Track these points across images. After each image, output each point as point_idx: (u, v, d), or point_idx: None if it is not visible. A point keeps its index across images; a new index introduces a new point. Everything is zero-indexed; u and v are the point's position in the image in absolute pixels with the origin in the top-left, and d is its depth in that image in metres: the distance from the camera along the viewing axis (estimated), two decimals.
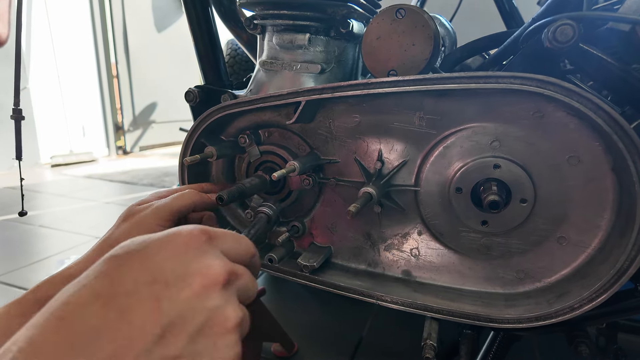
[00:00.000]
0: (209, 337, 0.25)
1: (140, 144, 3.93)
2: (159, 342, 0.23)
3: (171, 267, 0.26)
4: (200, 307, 0.25)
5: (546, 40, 0.41)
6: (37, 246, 1.61)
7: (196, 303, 0.25)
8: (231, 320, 0.27)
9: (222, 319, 0.26)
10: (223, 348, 0.26)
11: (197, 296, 0.25)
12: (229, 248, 0.30)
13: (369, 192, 0.48)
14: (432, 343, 0.44)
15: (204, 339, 0.25)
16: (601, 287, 0.42)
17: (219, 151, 0.56)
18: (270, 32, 0.59)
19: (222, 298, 0.27)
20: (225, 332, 0.26)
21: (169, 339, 0.24)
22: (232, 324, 0.27)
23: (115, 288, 0.24)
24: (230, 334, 0.26)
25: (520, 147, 0.46)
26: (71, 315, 0.22)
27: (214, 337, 0.26)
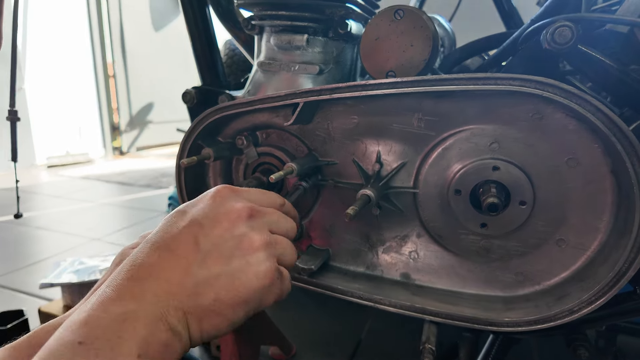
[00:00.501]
0: (240, 256, 0.32)
1: (137, 144, 3.91)
2: (201, 266, 0.31)
3: (203, 212, 0.33)
4: (229, 236, 0.32)
5: (545, 42, 0.41)
6: (33, 248, 1.60)
7: (225, 234, 0.32)
8: (257, 242, 0.33)
9: (248, 242, 0.33)
10: (254, 264, 0.32)
11: (225, 229, 0.33)
12: (253, 197, 0.37)
13: (367, 195, 0.48)
14: (430, 347, 0.44)
15: (237, 259, 0.32)
16: (600, 289, 0.41)
17: (216, 153, 0.56)
18: (268, 33, 0.59)
19: (246, 227, 0.33)
20: (253, 251, 0.33)
21: (208, 263, 0.31)
22: (258, 244, 0.33)
23: (164, 236, 0.31)
24: (259, 252, 0.33)
25: (519, 149, 0.45)
26: (137, 261, 0.30)
27: (244, 256, 0.32)
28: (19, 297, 1.16)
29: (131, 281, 0.29)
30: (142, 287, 0.28)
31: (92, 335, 0.25)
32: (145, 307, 0.27)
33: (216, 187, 0.36)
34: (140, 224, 1.81)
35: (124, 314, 0.26)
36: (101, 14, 3.55)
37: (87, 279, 0.87)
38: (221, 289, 0.31)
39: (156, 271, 0.29)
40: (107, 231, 1.71)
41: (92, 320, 0.26)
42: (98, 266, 0.94)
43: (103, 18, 3.56)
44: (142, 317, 0.27)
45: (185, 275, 0.30)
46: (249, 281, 0.32)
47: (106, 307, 0.27)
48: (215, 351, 0.87)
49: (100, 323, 0.26)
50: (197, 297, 0.30)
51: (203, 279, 0.30)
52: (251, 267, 0.32)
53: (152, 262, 0.30)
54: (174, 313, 0.28)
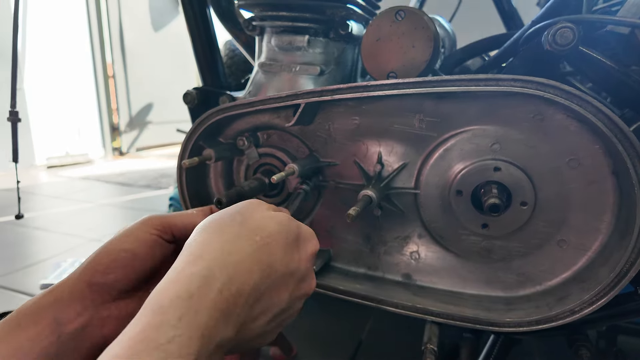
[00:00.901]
0: (282, 325, 0.34)
1: (137, 145, 3.90)
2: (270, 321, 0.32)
3: (303, 268, 0.34)
4: (296, 307, 0.35)
5: (546, 43, 0.41)
6: (32, 248, 1.60)
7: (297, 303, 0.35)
8: (312, 288, 0.36)
9: (293, 317, 0.35)
10: (276, 332, 0.34)
11: (300, 299, 0.35)
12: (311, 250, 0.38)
13: (368, 195, 0.48)
14: (432, 347, 0.44)
15: (278, 328, 0.34)
16: (601, 290, 0.42)
17: (218, 154, 0.56)
18: (269, 34, 0.59)
19: (303, 302, 0.36)
20: (284, 324, 0.35)
21: (275, 320, 0.32)
22: (311, 291, 0.36)
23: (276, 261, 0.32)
24: (303, 299, 0.36)
25: (521, 150, 0.45)
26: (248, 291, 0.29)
27: (281, 324, 0.34)
28: (19, 297, 1.15)
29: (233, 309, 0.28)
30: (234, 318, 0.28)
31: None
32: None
33: (317, 243, 0.37)
34: None
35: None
36: (100, 14, 3.55)
37: None
38: (254, 342, 0.32)
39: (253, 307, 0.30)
40: (107, 232, 1.70)
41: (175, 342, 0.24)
42: None
43: (102, 18, 3.56)
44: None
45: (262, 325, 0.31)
46: (263, 343, 0.34)
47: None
48: None
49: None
50: (248, 343, 0.31)
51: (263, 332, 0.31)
52: (295, 310, 0.35)
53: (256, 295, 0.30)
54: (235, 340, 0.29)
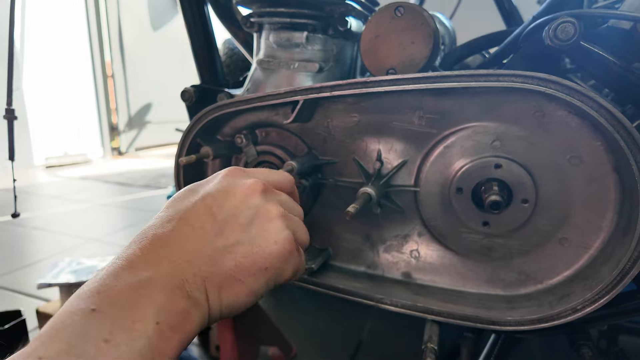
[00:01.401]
0: (258, 225, 0.32)
1: (136, 144, 3.90)
2: (218, 235, 0.31)
3: (215, 187, 0.33)
4: (244, 207, 0.33)
5: (547, 38, 0.40)
6: (30, 248, 1.59)
7: (241, 204, 0.33)
8: (273, 212, 0.33)
9: (265, 211, 0.33)
10: (273, 231, 0.32)
11: (240, 201, 0.33)
12: (263, 176, 0.37)
13: (367, 193, 0.47)
14: (432, 346, 0.43)
15: (255, 227, 0.32)
16: (603, 288, 0.41)
17: (215, 151, 0.55)
18: (267, 31, 0.58)
19: (262, 199, 0.34)
20: (270, 220, 0.33)
21: (225, 231, 0.31)
22: (275, 214, 0.33)
23: (177, 209, 0.31)
24: (276, 220, 0.33)
25: (522, 147, 0.45)
26: (149, 232, 0.29)
27: (262, 224, 0.32)
28: (17, 297, 1.15)
29: (144, 251, 0.28)
30: (157, 256, 0.28)
31: (105, 302, 0.24)
32: (161, 275, 0.27)
33: (226, 168, 0.36)
34: (139, 224, 1.80)
35: (139, 282, 0.26)
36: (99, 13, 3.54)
37: (86, 279, 0.86)
38: (240, 256, 0.30)
39: (172, 241, 0.29)
40: (106, 231, 1.70)
41: (104, 289, 0.25)
42: (96, 266, 0.94)
43: (101, 17, 3.55)
44: (158, 284, 0.26)
45: (202, 244, 0.29)
46: (269, 247, 0.31)
47: (119, 276, 0.26)
48: (214, 351, 0.86)
49: (113, 291, 0.25)
50: (216, 264, 0.29)
51: (222, 246, 0.30)
52: (270, 234, 0.32)
53: (166, 233, 0.29)
54: (192, 280, 0.28)
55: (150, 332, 0.24)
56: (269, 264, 0.31)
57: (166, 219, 0.30)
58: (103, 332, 0.23)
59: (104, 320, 0.24)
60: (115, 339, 0.23)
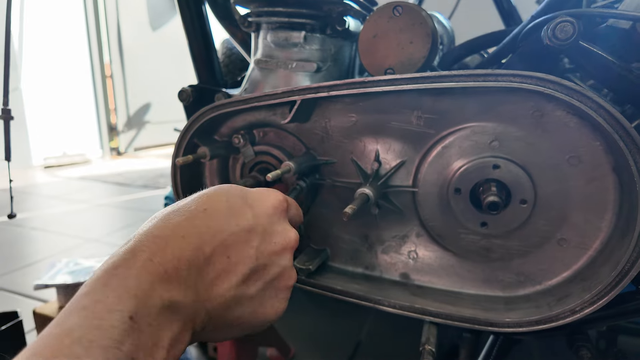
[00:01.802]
0: (275, 288, 0.32)
1: (135, 144, 3.89)
2: (244, 281, 0.29)
3: (263, 222, 0.32)
4: (277, 263, 0.32)
5: (545, 38, 0.40)
6: (28, 249, 1.58)
7: (276, 259, 0.32)
8: (292, 279, 0.33)
9: (287, 276, 0.33)
10: (280, 299, 0.32)
11: (277, 254, 0.32)
12: (293, 215, 0.37)
13: (365, 193, 0.47)
14: (430, 348, 0.43)
15: (271, 289, 0.32)
16: (602, 289, 0.41)
17: (212, 152, 0.55)
18: (265, 30, 0.58)
19: (290, 260, 0.33)
20: (286, 288, 0.33)
21: (251, 281, 0.30)
22: (292, 282, 0.33)
23: (221, 232, 0.29)
24: (287, 290, 0.33)
25: (520, 147, 0.45)
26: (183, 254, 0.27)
27: (278, 288, 0.32)
28: (14, 298, 1.14)
29: (173, 272, 0.26)
30: (181, 281, 0.26)
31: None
32: (182, 301, 0.26)
33: (276, 196, 0.35)
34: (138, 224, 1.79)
35: (170, 302, 0.25)
36: (98, 13, 3.53)
37: (83, 280, 0.86)
38: (247, 313, 0.30)
39: (206, 267, 0.28)
40: (104, 232, 1.69)
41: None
42: (94, 267, 0.93)
43: (100, 17, 3.55)
44: (181, 309, 0.26)
45: (229, 285, 0.29)
46: (268, 315, 0.32)
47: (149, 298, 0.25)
48: (212, 352, 0.86)
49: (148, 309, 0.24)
50: (227, 311, 0.29)
51: (240, 296, 0.29)
52: (277, 301, 0.32)
53: (202, 257, 0.27)
54: (202, 316, 0.28)
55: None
56: (259, 327, 0.32)
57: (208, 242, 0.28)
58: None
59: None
60: None
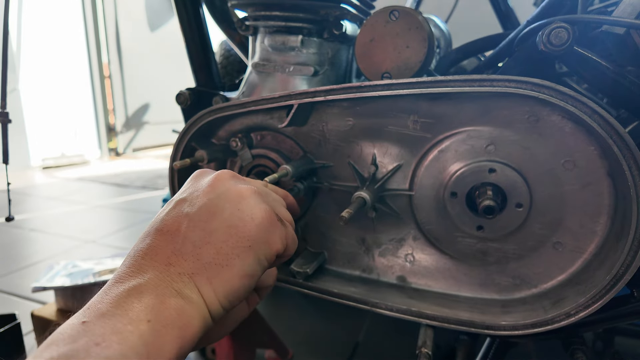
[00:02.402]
0: (230, 207, 0.32)
1: (133, 145, 3.89)
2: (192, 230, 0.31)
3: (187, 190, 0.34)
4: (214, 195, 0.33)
5: (541, 43, 0.41)
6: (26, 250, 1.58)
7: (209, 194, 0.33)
8: (244, 191, 0.33)
9: (235, 192, 0.33)
10: (247, 209, 0.32)
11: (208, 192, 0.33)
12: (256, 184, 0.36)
13: (362, 197, 0.47)
14: (427, 351, 0.43)
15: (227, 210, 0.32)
16: (597, 293, 0.41)
17: (210, 155, 0.55)
18: (262, 34, 0.58)
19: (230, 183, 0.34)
20: (242, 199, 0.33)
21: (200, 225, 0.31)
22: (246, 192, 0.33)
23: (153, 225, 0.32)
24: (249, 198, 0.33)
25: (516, 151, 0.45)
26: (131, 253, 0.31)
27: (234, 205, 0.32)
28: (12, 300, 1.14)
29: (129, 267, 0.29)
30: (140, 267, 0.29)
31: (95, 314, 0.25)
32: (147, 281, 0.28)
33: (216, 172, 0.35)
34: (136, 225, 1.79)
35: (126, 291, 0.27)
36: (96, 14, 3.53)
37: (81, 282, 0.86)
38: (219, 241, 0.30)
39: (151, 250, 0.30)
40: (103, 233, 1.69)
41: (93, 304, 0.26)
42: (92, 269, 0.93)
43: (98, 18, 3.54)
44: (145, 289, 0.27)
45: (180, 244, 0.30)
46: (245, 224, 0.31)
47: (106, 292, 0.27)
48: (210, 355, 0.86)
49: (103, 302, 0.26)
50: (198, 257, 0.30)
51: (198, 239, 0.30)
52: (244, 212, 0.32)
53: (145, 246, 0.30)
54: (178, 279, 0.29)
55: (143, 330, 0.25)
56: (251, 241, 0.31)
57: (145, 235, 0.31)
58: (95, 337, 0.24)
59: (95, 327, 0.24)
60: (106, 340, 0.24)
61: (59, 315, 0.87)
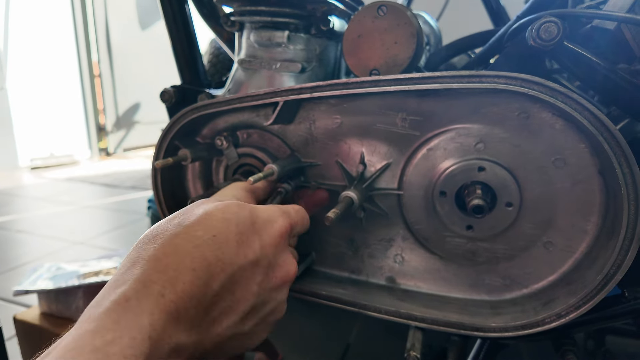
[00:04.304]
0: (266, 323, 0.32)
1: (124, 145, 3.84)
2: (242, 320, 0.29)
3: (269, 253, 0.31)
4: (275, 299, 0.32)
5: (530, 39, 0.40)
6: (13, 252, 1.55)
7: (275, 295, 0.32)
8: (283, 312, 0.34)
9: (279, 310, 0.33)
10: (267, 330, 0.33)
11: (276, 290, 0.32)
12: (299, 230, 0.37)
13: (350, 197, 0.46)
14: (415, 354, 0.42)
15: (263, 324, 0.32)
16: (588, 293, 0.40)
17: (194, 154, 0.53)
18: (248, 30, 0.57)
19: (286, 294, 0.33)
20: (275, 321, 0.33)
21: (248, 318, 0.30)
22: (281, 315, 0.33)
23: (229, 257, 0.28)
24: (276, 323, 0.33)
25: (506, 149, 0.44)
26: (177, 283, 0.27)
27: (269, 323, 0.32)
28: None
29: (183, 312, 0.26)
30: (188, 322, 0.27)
31: None
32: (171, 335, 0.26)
33: (283, 222, 0.34)
34: (126, 226, 1.77)
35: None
36: (86, 11, 3.47)
37: (65, 285, 0.83)
38: (236, 346, 0.30)
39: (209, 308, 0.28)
40: (91, 234, 1.66)
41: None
42: (77, 271, 0.91)
43: (88, 16, 3.49)
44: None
45: (227, 327, 0.29)
46: (251, 344, 0.32)
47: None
48: None
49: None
50: (219, 345, 0.29)
51: (235, 333, 0.30)
52: (263, 333, 0.33)
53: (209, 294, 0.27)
54: (198, 353, 0.28)
55: None
56: (236, 353, 0.32)
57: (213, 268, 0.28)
58: None
59: None
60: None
61: (42, 319, 0.85)
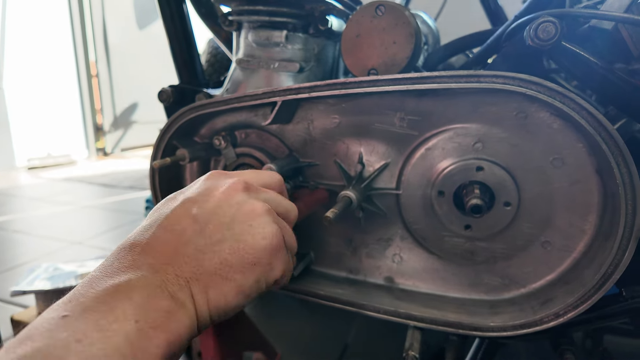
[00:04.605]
0: (242, 221, 0.31)
1: (122, 145, 3.83)
2: (200, 234, 0.29)
3: (194, 191, 0.32)
4: (227, 205, 0.31)
5: (528, 38, 0.40)
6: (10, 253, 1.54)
7: (222, 203, 0.31)
8: (258, 208, 0.32)
9: (249, 208, 0.32)
10: (259, 226, 0.31)
11: (221, 200, 0.31)
12: (248, 177, 0.35)
13: (348, 197, 0.46)
14: (414, 354, 0.42)
15: (239, 224, 0.31)
16: (586, 292, 0.40)
17: (192, 154, 0.53)
18: (246, 29, 0.57)
19: (245, 196, 0.32)
20: (256, 215, 0.31)
21: (207, 231, 0.30)
22: (260, 209, 0.32)
23: (156, 219, 0.30)
24: (262, 216, 0.32)
25: (504, 149, 0.44)
26: (126, 244, 0.29)
27: (246, 220, 0.31)
28: None
29: (121, 260, 0.27)
30: (135, 262, 0.27)
31: (78, 308, 0.24)
32: (140, 277, 0.26)
33: (208, 173, 0.35)
34: (124, 226, 1.76)
35: (115, 285, 0.25)
36: (83, 11, 3.46)
37: (62, 286, 0.83)
38: (226, 252, 0.29)
39: (150, 246, 0.28)
40: (89, 234, 1.66)
41: (75, 297, 0.24)
42: (75, 272, 0.91)
43: (85, 15, 3.47)
44: (136, 286, 0.25)
45: (183, 245, 0.29)
46: (256, 242, 0.30)
47: (93, 284, 0.25)
48: (196, 357, 0.84)
49: (88, 296, 0.24)
50: (200, 263, 0.28)
51: (204, 245, 0.29)
52: (256, 229, 0.31)
53: (144, 240, 0.28)
54: (174, 280, 0.27)
55: (129, 330, 0.23)
56: (257, 259, 0.30)
57: (144, 228, 0.30)
58: (75, 333, 0.22)
59: (77, 323, 0.23)
60: (88, 338, 0.22)
61: None
